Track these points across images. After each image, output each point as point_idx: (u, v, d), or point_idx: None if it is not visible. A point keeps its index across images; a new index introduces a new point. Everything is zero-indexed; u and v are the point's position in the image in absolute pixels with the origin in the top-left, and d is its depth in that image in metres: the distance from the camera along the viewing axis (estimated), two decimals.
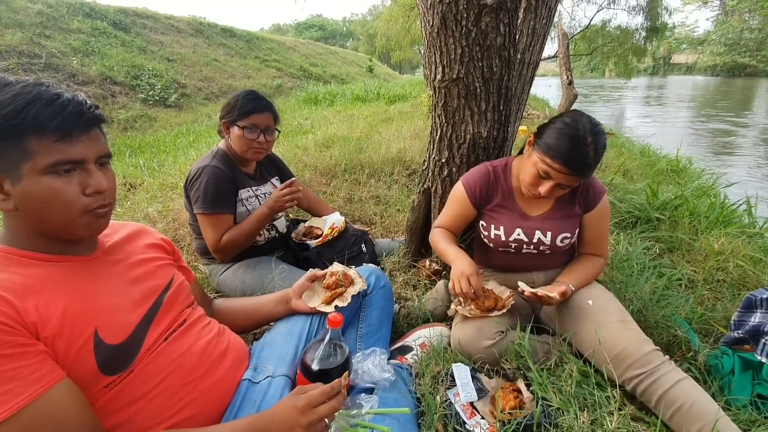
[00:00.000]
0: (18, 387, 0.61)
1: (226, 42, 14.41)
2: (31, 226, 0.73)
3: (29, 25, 8.34)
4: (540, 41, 2.19)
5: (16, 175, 0.67)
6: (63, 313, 0.70)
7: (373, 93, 10.71)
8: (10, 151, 0.66)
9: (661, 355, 1.09)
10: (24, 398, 0.61)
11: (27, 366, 0.63)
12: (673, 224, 2.36)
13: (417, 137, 4.30)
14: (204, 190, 1.51)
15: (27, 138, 0.66)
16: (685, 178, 3.96)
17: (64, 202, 0.70)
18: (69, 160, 0.70)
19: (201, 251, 1.72)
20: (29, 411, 0.61)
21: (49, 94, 0.68)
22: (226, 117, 1.60)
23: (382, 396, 0.99)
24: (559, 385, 1.10)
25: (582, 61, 28.86)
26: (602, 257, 1.39)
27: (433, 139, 1.68)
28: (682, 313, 1.49)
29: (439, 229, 1.48)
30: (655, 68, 57.09)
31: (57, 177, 0.69)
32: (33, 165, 0.67)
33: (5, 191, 0.69)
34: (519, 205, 1.37)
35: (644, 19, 12.21)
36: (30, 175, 0.68)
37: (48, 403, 0.63)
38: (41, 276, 0.72)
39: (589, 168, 1.16)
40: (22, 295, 0.67)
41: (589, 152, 1.13)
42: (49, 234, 0.75)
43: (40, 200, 0.69)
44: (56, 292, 0.72)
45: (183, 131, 6.88)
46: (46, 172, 0.68)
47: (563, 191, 1.24)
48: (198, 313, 0.99)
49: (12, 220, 0.73)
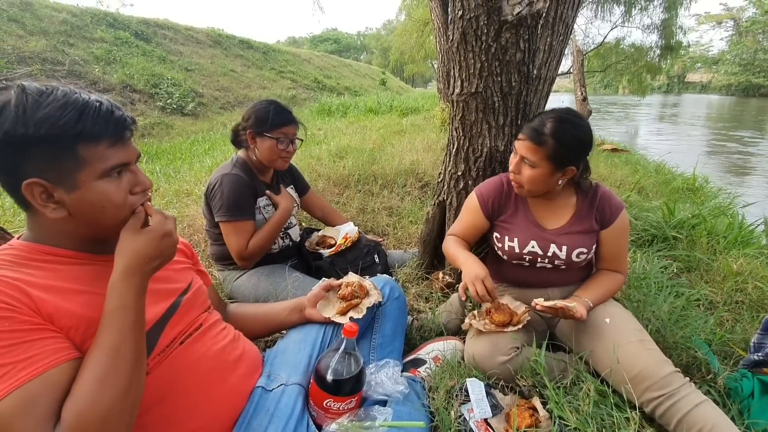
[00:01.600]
0: (41, 353, 0.63)
1: (243, 53, 14.72)
2: (80, 230, 0.75)
3: (53, 33, 8.61)
4: (557, 57, 2.20)
5: (71, 183, 0.69)
6: (82, 309, 0.71)
7: (385, 105, 10.80)
8: (64, 162, 0.68)
9: (681, 377, 1.07)
10: (47, 363, 0.63)
11: (48, 338, 0.65)
12: (691, 243, 2.32)
13: (430, 150, 4.31)
14: (226, 197, 1.55)
15: (80, 147, 0.68)
16: (701, 196, 3.90)
17: (118, 204, 0.74)
18: (120, 164, 0.73)
19: (216, 257, 1.73)
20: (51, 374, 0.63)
21: (93, 102, 0.70)
22: (253, 128, 1.63)
23: (396, 409, 0.98)
24: (576, 404, 1.07)
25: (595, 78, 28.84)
26: (621, 273, 1.36)
27: (450, 151, 1.68)
28: (702, 334, 1.46)
29: (453, 237, 1.48)
30: (670, 86, 56.79)
31: (110, 181, 0.72)
32: (89, 172, 0.70)
33: (57, 200, 0.70)
34: (534, 217, 1.36)
35: (659, 38, 12.20)
36: (86, 183, 0.70)
37: (68, 370, 0.65)
38: (65, 272, 0.74)
39: (541, 135, 1.18)
40: (41, 287, 0.68)
41: (547, 123, 1.19)
42: (95, 236, 0.77)
43: (96, 205, 0.72)
44: (79, 289, 0.73)
45: (199, 139, 7.00)
46: (101, 177, 0.71)
47: (531, 171, 1.23)
48: (214, 317, 1.00)
49: (53, 223, 0.73)
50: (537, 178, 1.23)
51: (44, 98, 0.67)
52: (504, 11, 1.32)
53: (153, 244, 0.74)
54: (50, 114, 0.65)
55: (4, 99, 0.66)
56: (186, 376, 0.84)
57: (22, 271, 0.69)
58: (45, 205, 0.69)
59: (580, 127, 1.21)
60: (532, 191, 1.29)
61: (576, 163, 1.23)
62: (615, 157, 5.51)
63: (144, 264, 0.73)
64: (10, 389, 0.59)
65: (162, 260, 0.76)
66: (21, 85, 0.68)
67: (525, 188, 1.28)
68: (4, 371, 0.59)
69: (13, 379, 0.59)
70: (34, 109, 0.65)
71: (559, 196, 1.35)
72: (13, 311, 0.63)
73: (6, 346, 0.60)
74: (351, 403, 0.96)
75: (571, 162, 1.22)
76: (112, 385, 0.64)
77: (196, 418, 0.84)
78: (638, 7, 11.42)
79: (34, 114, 0.65)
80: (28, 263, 0.72)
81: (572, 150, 1.21)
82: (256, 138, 1.63)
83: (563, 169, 1.23)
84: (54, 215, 0.70)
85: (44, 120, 0.65)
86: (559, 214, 1.34)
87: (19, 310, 0.64)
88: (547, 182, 1.25)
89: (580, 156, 1.24)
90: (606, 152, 5.92)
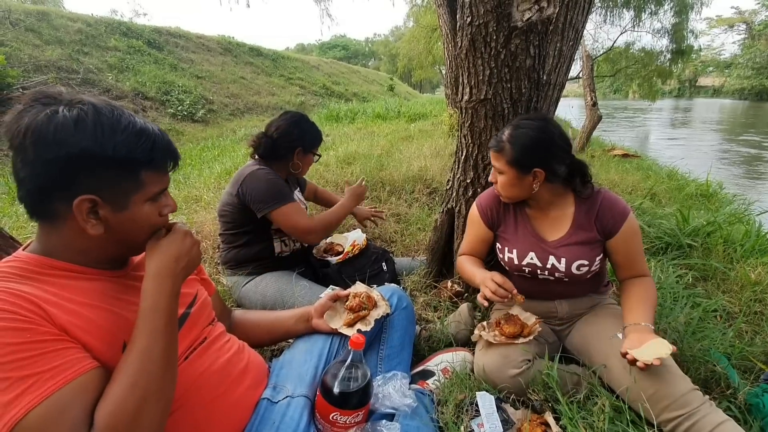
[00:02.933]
0: (68, 362, 0.63)
1: (252, 60, 14.90)
2: (107, 248, 0.77)
3: (69, 42, 8.82)
4: (566, 63, 2.17)
5: (122, 203, 0.72)
6: (92, 325, 0.70)
7: (393, 111, 10.83)
8: (125, 183, 0.72)
9: (701, 395, 1.02)
10: (75, 371, 0.63)
11: (70, 348, 0.66)
12: (706, 251, 2.27)
13: (438, 156, 4.30)
14: (271, 187, 1.61)
15: (143, 171, 0.73)
16: (716, 203, 3.83)
17: (152, 225, 0.78)
18: (164, 189, 0.79)
19: (229, 262, 1.73)
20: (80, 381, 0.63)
21: (157, 131, 0.76)
22: (303, 145, 1.75)
23: (404, 423, 0.96)
24: (590, 420, 1.04)
25: (604, 83, 28.66)
26: (646, 276, 1.30)
27: (458, 159, 1.67)
28: (720, 347, 1.41)
29: (464, 257, 1.47)
30: (681, 90, 56.16)
31: (153, 204, 0.77)
32: (143, 195, 0.74)
33: (101, 217, 0.71)
34: (534, 228, 1.33)
35: (669, 42, 12.07)
36: (137, 204, 0.74)
37: (95, 377, 0.66)
38: (77, 287, 0.73)
39: (500, 143, 1.23)
40: (53, 303, 0.68)
41: (506, 130, 1.24)
42: (117, 254, 0.80)
43: (138, 224, 0.76)
44: (88, 303, 0.73)
45: (209, 145, 7.08)
46: (150, 200, 0.76)
47: (501, 177, 1.27)
48: (218, 330, 0.99)
49: (68, 237, 0.73)
50: (507, 184, 1.26)
51: (118, 121, 0.70)
52: (513, 17, 1.31)
53: (177, 243, 0.78)
54: (129, 140, 0.70)
55: (76, 115, 0.67)
56: (192, 391, 0.83)
57: (32, 285, 0.69)
58: (87, 221, 0.70)
59: (537, 129, 1.21)
60: (510, 197, 1.31)
61: (540, 165, 1.21)
62: (626, 162, 5.44)
63: (172, 263, 0.76)
64: (39, 399, 0.59)
65: (189, 259, 0.79)
66: (91, 102, 0.70)
67: (503, 195, 1.31)
68: (32, 381, 0.59)
69: (42, 389, 0.59)
70: (113, 131, 0.69)
71: (556, 206, 1.31)
72: (31, 323, 0.63)
73: (29, 357, 0.60)
74: (358, 417, 0.94)
75: (535, 164, 1.21)
76: (142, 387, 0.65)
77: (203, 431, 0.82)
78: (648, 12, 11.32)
79: (113, 136, 0.69)
80: (37, 276, 0.71)
81: (529, 152, 1.20)
82: (302, 154, 1.76)
83: (529, 172, 1.22)
84: (93, 231, 0.71)
85: (124, 144, 0.69)
86: (558, 224, 1.30)
87: (38, 323, 0.63)
88: (518, 186, 1.25)
89: (541, 157, 1.21)
90: (617, 158, 5.86)
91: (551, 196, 1.29)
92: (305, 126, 1.77)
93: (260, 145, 1.72)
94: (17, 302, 0.63)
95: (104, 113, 0.69)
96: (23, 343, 0.60)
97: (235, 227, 1.70)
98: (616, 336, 1.17)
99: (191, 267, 0.80)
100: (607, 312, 1.33)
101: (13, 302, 0.63)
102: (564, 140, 1.23)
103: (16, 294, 0.65)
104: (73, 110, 0.67)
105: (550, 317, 1.38)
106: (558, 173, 1.23)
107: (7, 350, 0.59)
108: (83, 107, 0.68)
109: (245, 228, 1.69)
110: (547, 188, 1.26)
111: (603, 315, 1.32)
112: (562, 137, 1.23)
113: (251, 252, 1.70)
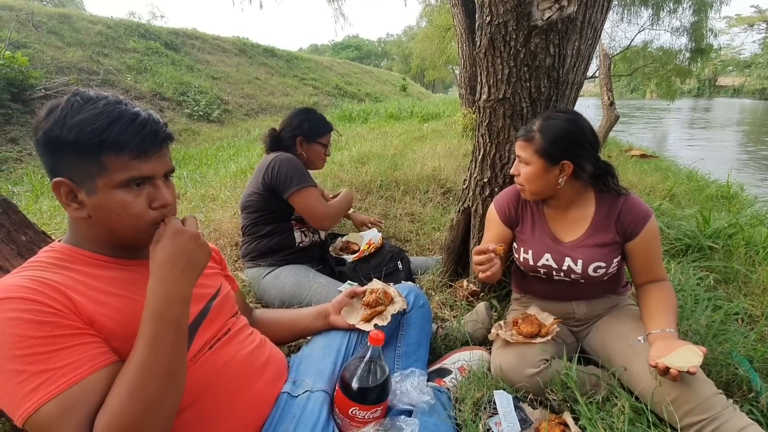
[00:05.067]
0: (81, 360, 0.65)
1: (267, 61, 15.04)
2: (101, 234, 0.77)
3: (89, 44, 9.02)
4: (584, 62, 2.15)
5: (91, 187, 0.71)
6: (119, 313, 0.73)
7: (406, 111, 10.82)
8: (88, 166, 0.70)
9: (724, 399, 1.00)
10: (86, 369, 0.65)
11: (87, 343, 0.67)
12: (728, 254, 2.22)
13: (451, 156, 4.29)
14: (296, 169, 1.67)
15: (106, 155, 0.70)
16: (737, 205, 3.74)
17: (133, 215, 0.74)
18: (141, 177, 0.74)
19: (248, 254, 1.77)
20: (89, 381, 0.65)
21: (129, 113, 0.72)
22: (304, 134, 1.79)
23: (422, 420, 0.96)
24: (609, 421, 1.03)
25: (621, 82, 28.16)
26: (664, 280, 1.27)
27: (476, 158, 1.66)
28: (742, 350, 1.38)
29: None
30: (700, 90, 54.85)
31: (128, 191, 0.73)
32: (108, 180, 0.71)
33: (80, 201, 0.73)
34: (551, 228, 1.32)
35: (688, 41, 11.81)
36: (104, 189, 0.71)
37: (105, 376, 0.66)
38: (102, 276, 0.76)
39: (530, 132, 1.22)
40: (80, 291, 0.71)
41: (536, 121, 1.23)
42: (115, 242, 0.79)
43: (112, 212, 0.73)
44: (115, 292, 0.75)
45: (224, 145, 7.18)
46: (119, 187, 0.72)
47: (526, 168, 1.24)
48: (241, 322, 1.01)
49: (82, 225, 0.77)
50: (532, 176, 1.23)
51: (88, 105, 0.70)
52: (534, 16, 1.30)
53: (165, 247, 0.73)
54: (83, 120, 0.68)
55: (57, 102, 0.71)
56: (215, 381, 0.85)
57: (63, 274, 0.72)
58: (68, 203, 0.73)
59: (569, 121, 1.20)
60: (534, 192, 1.27)
61: (570, 158, 1.19)
62: (644, 163, 5.35)
63: (165, 269, 0.71)
64: (52, 395, 0.61)
65: (187, 258, 0.73)
66: (77, 90, 0.72)
67: (526, 189, 1.28)
68: (46, 377, 0.61)
69: (55, 385, 0.61)
70: (74, 114, 0.69)
71: (576, 206, 1.30)
72: (57, 315, 0.65)
73: (48, 352, 0.63)
74: (377, 412, 0.95)
75: (563, 156, 1.19)
76: (139, 399, 0.64)
77: (224, 422, 0.84)
78: (667, 10, 11.10)
79: (71, 119, 0.68)
80: (69, 266, 0.74)
81: (560, 142, 1.18)
82: (305, 144, 1.80)
83: (557, 164, 1.20)
84: (75, 215, 0.74)
85: (77, 125, 0.68)
86: (576, 225, 1.29)
87: (63, 314, 0.66)
88: (544, 179, 1.23)
89: (571, 149, 1.19)
90: (634, 158, 5.76)
91: (573, 195, 1.28)
92: (306, 116, 1.81)
93: (268, 139, 1.81)
94: (45, 292, 0.66)
95: (78, 99, 0.70)
96: (43, 338, 0.62)
97: (259, 217, 1.75)
98: (638, 340, 1.16)
99: (196, 265, 0.75)
100: (626, 313, 1.31)
101: (42, 292, 0.66)
102: (594, 137, 1.23)
103: (45, 283, 0.67)
104: (61, 100, 0.71)
105: (567, 318, 1.37)
106: (585, 169, 1.22)
107: (28, 343, 0.61)
108: (72, 98, 0.71)
109: (270, 216, 1.74)
110: (571, 185, 1.25)
111: (622, 316, 1.30)
112: (593, 134, 1.23)
113: (273, 242, 1.74)
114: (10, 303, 0.63)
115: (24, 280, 0.67)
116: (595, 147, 1.23)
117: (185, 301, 0.73)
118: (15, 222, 1.02)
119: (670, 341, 1.07)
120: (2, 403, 0.62)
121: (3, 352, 0.61)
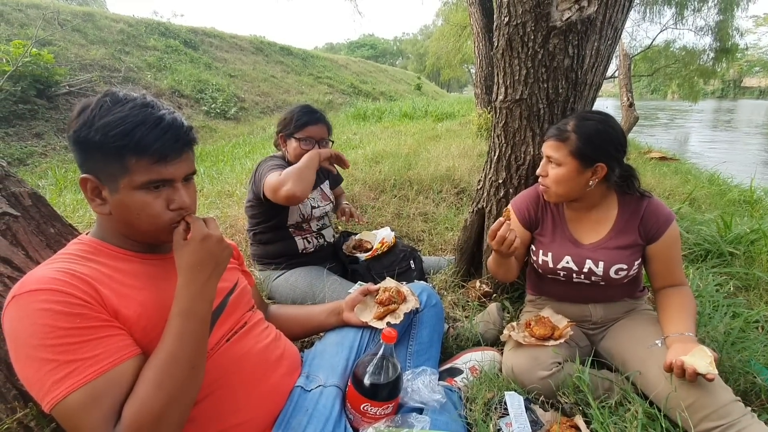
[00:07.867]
0: (108, 351, 0.68)
1: (283, 60, 15.15)
2: (122, 229, 0.81)
3: (111, 42, 9.22)
4: (604, 62, 2.10)
5: (114, 186, 0.75)
6: (141, 306, 0.76)
7: (420, 110, 10.78)
8: (112, 166, 0.74)
9: (742, 406, 0.98)
10: (113, 360, 0.68)
11: (114, 335, 0.70)
12: (749, 260, 2.16)
13: (466, 156, 4.26)
14: (268, 165, 1.60)
15: (129, 157, 0.73)
16: (760, 210, 3.62)
17: (152, 215, 0.78)
18: (160, 180, 0.77)
19: (258, 257, 1.79)
20: (116, 371, 0.68)
21: (153, 117, 0.75)
22: (283, 131, 1.71)
23: (433, 418, 0.97)
24: (622, 425, 1.02)
25: (641, 82, 27.55)
26: (684, 285, 1.26)
27: (491, 159, 1.66)
28: (761, 358, 1.35)
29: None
30: (724, 91, 53.30)
31: (147, 192, 0.77)
32: (129, 180, 0.74)
33: (103, 197, 0.77)
34: (570, 231, 1.31)
35: (713, 40, 11.48)
36: (125, 189, 0.75)
37: (130, 367, 0.70)
38: (126, 269, 0.79)
39: (564, 132, 1.19)
40: (106, 284, 0.74)
41: (570, 121, 1.20)
42: (135, 237, 0.82)
43: (132, 211, 0.77)
44: (138, 285, 0.78)
45: (240, 142, 7.26)
46: (139, 188, 0.76)
47: (557, 170, 1.21)
48: (257, 316, 1.03)
49: (105, 220, 0.82)
50: (563, 177, 1.20)
51: (116, 107, 0.73)
52: (553, 17, 1.29)
53: (195, 252, 0.77)
54: (108, 123, 0.72)
55: (89, 102, 0.74)
56: (232, 372, 0.87)
57: (90, 266, 0.75)
58: (93, 199, 0.77)
59: (604, 123, 1.18)
60: (560, 194, 1.24)
61: (604, 160, 1.17)
62: (663, 165, 5.23)
63: (195, 272, 0.76)
64: (78, 385, 0.64)
65: (215, 262, 0.79)
66: (108, 91, 0.75)
67: (552, 190, 1.25)
68: (74, 367, 0.64)
69: (82, 375, 0.64)
70: (102, 115, 0.72)
71: (598, 209, 1.29)
72: (85, 307, 0.68)
73: (77, 343, 0.66)
74: (388, 409, 0.96)
75: (598, 158, 1.17)
76: (166, 389, 0.68)
77: (240, 413, 0.86)
78: (691, 9, 10.81)
79: (99, 120, 0.72)
80: (96, 258, 0.78)
81: (596, 144, 1.16)
82: (286, 140, 1.71)
83: (591, 166, 1.18)
84: (98, 210, 0.78)
85: (102, 127, 0.72)
86: (598, 227, 1.28)
87: (91, 306, 0.69)
88: (575, 181, 1.20)
89: (606, 151, 1.17)
90: (653, 160, 5.64)
91: (599, 198, 1.27)
92: (287, 113, 1.72)
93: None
94: (75, 284, 0.69)
95: (108, 100, 0.73)
96: (72, 329, 0.66)
97: (257, 224, 1.75)
98: (656, 343, 1.14)
99: (221, 265, 0.80)
100: (643, 318, 1.30)
101: (72, 284, 0.69)
102: (625, 140, 1.22)
103: (75, 275, 0.71)
104: (92, 100, 0.74)
105: (584, 321, 1.36)
106: (616, 172, 1.21)
107: (59, 333, 0.65)
108: (102, 98, 0.74)
109: (266, 224, 1.72)
110: (600, 187, 1.24)
111: (640, 320, 1.29)
112: (624, 137, 1.21)
113: (276, 249, 1.74)
114: (43, 294, 0.66)
115: (55, 272, 0.70)
116: (626, 150, 1.22)
117: (211, 298, 0.78)
118: (44, 215, 1.06)
119: (689, 345, 1.05)
120: (32, 389, 0.65)
121: (35, 341, 0.64)
